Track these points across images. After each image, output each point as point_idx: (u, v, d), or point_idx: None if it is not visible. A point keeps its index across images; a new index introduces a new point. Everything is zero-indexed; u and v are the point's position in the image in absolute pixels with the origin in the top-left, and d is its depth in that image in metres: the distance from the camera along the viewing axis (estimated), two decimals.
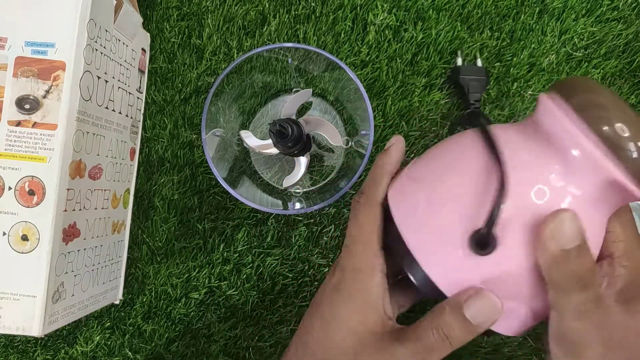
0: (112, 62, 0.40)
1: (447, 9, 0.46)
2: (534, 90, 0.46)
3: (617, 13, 0.46)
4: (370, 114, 0.39)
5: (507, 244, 0.24)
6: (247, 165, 0.46)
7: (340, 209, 0.46)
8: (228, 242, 0.46)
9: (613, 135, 0.22)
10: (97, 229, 0.40)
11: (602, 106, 0.23)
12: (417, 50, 0.46)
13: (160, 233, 0.47)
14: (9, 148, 0.34)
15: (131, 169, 0.46)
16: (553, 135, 0.24)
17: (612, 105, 0.23)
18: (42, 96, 0.34)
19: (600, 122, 0.23)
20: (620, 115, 0.23)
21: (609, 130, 0.22)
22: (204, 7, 0.47)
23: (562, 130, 0.24)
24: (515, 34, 0.46)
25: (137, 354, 0.46)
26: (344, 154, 0.46)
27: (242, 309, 0.46)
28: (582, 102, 0.24)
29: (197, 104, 0.47)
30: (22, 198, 0.34)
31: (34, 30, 0.34)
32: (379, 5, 0.46)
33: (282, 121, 0.39)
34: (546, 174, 0.24)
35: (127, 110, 0.43)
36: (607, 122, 0.23)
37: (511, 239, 0.24)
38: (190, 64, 0.47)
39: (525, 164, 0.25)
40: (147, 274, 0.47)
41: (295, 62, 0.43)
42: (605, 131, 0.22)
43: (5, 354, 0.46)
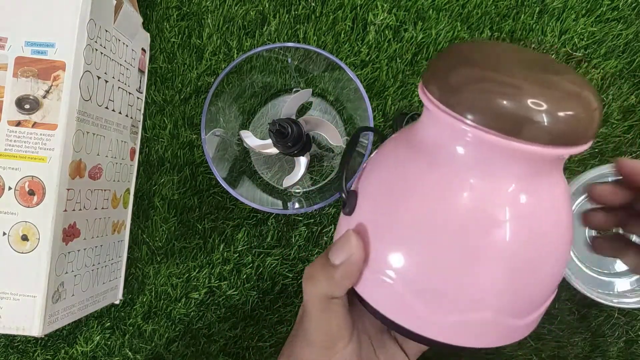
0: (112, 62, 0.40)
1: (447, 9, 0.46)
2: None
3: (617, 13, 0.46)
4: (370, 114, 0.39)
5: (362, 204, 0.26)
6: (247, 165, 0.46)
7: (340, 209, 0.46)
8: (228, 242, 0.46)
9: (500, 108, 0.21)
10: (97, 229, 0.40)
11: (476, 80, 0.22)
12: (417, 50, 0.46)
13: (160, 233, 0.47)
14: (9, 148, 0.34)
15: (131, 169, 0.46)
16: (436, 135, 0.24)
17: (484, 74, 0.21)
18: (42, 96, 0.34)
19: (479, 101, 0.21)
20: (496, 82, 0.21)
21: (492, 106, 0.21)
22: (204, 7, 0.47)
23: (444, 126, 0.23)
24: (515, 34, 0.46)
25: (137, 354, 0.46)
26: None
27: (242, 309, 0.46)
28: (446, 88, 0.22)
29: (197, 104, 0.47)
30: (22, 198, 0.34)
31: (34, 30, 0.34)
32: (379, 5, 0.46)
33: (282, 121, 0.39)
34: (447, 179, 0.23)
35: (127, 110, 0.43)
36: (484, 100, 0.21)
37: (365, 200, 0.26)
38: (190, 64, 0.47)
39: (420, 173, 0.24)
40: (147, 274, 0.47)
41: (295, 62, 0.43)
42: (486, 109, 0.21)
43: (5, 354, 0.46)
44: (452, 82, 0.22)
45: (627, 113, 0.46)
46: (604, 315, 0.44)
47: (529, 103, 0.20)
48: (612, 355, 0.45)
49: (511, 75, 0.21)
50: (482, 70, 0.21)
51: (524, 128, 0.20)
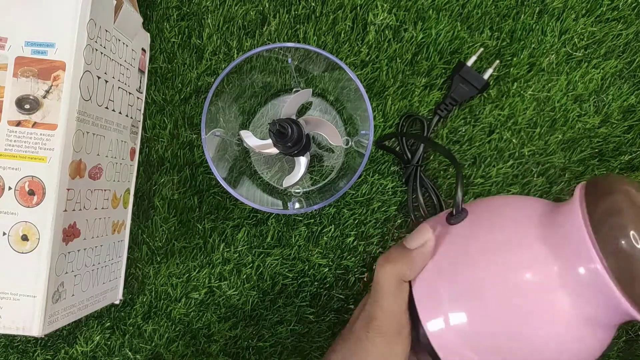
0: (112, 62, 0.40)
1: (447, 9, 0.46)
2: (534, 90, 0.46)
3: (617, 13, 0.46)
4: (370, 114, 0.39)
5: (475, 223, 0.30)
6: (247, 165, 0.46)
7: (340, 209, 0.46)
8: (228, 242, 0.46)
9: (627, 248, 0.23)
10: (97, 229, 0.40)
11: (620, 213, 0.24)
12: (417, 50, 0.46)
13: (160, 233, 0.47)
14: (9, 148, 0.34)
15: (131, 169, 0.46)
16: (570, 240, 0.25)
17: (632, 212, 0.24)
18: (42, 96, 0.34)
19: (616, 234, 0.23)
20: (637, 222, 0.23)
21: (624, 243, 0.23)
22: (204, 7, 0.47)
23: (578, 242, 0.24)
24: (515, 34, 0.46)
25: (137, 354, 0.46)
26: (344, 154, 0.46)
27: (242, 309, 0.46)
28: (603, 211, 0.24)
29: (197, 104, 0.47)
30: (22, 198, 0.34)
31: (34, 30, 0.34)
32: (379, 5, 0.46)
33: (282, 121, 0.39)
34: (547, 275, 0.26)
35: (127, 110, 0.43)
36: (623, 232, 0.23)
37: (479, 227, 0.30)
38: (190, 64, 0.47)
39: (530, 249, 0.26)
40: (147, 274, 0.47)
41: (295, 62, 0.43)
42: (618, 246, 0.23)
43: (5, 354, 0.46)
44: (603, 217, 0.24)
45: (627, 113, 0.46)
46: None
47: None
48: (612, 355, 0.45)
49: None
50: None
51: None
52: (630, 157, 0.45)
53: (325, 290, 0.46)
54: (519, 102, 0.46)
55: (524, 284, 0.26)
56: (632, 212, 0.23)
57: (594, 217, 0.24)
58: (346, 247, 0.46)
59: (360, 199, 0.46)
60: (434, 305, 0.28)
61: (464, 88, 0.44)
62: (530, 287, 0.26)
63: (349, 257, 0.46)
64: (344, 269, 0.46)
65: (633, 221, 0.23)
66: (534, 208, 0.29)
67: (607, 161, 0.45)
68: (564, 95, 0.46)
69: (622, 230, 0.23)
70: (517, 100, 0.46)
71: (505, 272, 0.26)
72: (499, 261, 0.27)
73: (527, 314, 0.25)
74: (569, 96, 0.46)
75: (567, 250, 0.25)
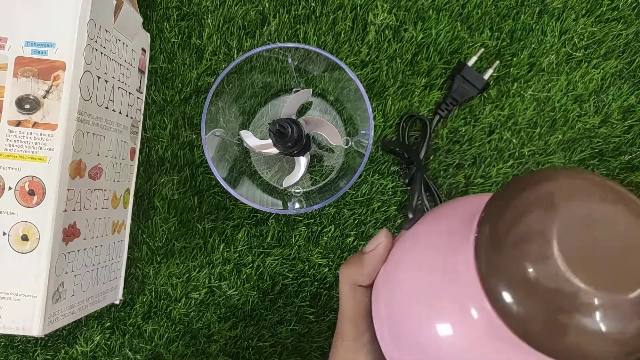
0: (112, 62, 0.40)
1: (447, 9, 0.46)
2: (534, 90, 0.46)
3: (617, 13, 0.46)
4: (370, 114, 0.39)
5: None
6: (247, 165, 0.46)
7: (340, 209, 0.46)
8: (228, 242, 0.46)
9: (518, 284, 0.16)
10: (97, 229, 0.40)
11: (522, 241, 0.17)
12: (417, 50, 0.46)
13: (160, 233, 0.47)
14: (9, 148, 0.34)
15: (131, 169, 0.46)
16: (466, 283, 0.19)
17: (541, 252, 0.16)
18: (42, 96, 0.34)
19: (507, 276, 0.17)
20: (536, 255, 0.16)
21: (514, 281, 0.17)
22: (204, 7, 0.47)
23: (471, 284, 0.18)
24: (515, 34, 0.46)
25: (137, 354, 0.46)
26: (344, 154, 0.46)
27: (242, 309, 0.46)
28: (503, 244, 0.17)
29: (197, 104, 0.47)
30: (22, 198, 0.34)
31: (34, 30, 0.34)
32: (379, 5, 0.46)
33: (282, 121, 0.39)
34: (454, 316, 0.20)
35: (127, 110, 0.43)
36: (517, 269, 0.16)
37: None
38: (190, 64, 0.47)
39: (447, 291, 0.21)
40: (147, 274, 0.47)
41: (295, 62, 0.43)
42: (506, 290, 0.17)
43: (5, 354, 0.46)
44: (501, 254, 0.17)
45: (627, 113, 0.46)
46: None
47: (573, 338, 0.16)
48: None
49: (578, 288, 0.16)
50: (542, 261, 0.16)
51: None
52: (630, 157, 0.45)
53: (325, 290, 0.46)
54: (519, 102, 0.46)
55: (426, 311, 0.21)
56: (546, 234, 0.17)
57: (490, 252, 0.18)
58: (346, 247, 0.46)
59: (360, 199, 0.46)
60: (376, 313, 0.26)
61: (464, 88, 0.44)
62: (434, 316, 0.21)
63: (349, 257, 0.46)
64: None
65: (546, 253, 0.16)
66: (455, 223, 0.23)
67: (607, 161, 0.45)
68: (564, 95, 0.46)
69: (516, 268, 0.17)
70: (517, 101, 0.46)
71: (417, 297, 0.22)
72: (413, 282, 0.23)
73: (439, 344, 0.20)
74: (569, 96, 0.46)
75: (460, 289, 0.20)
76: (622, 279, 0.16)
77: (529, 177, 0.19)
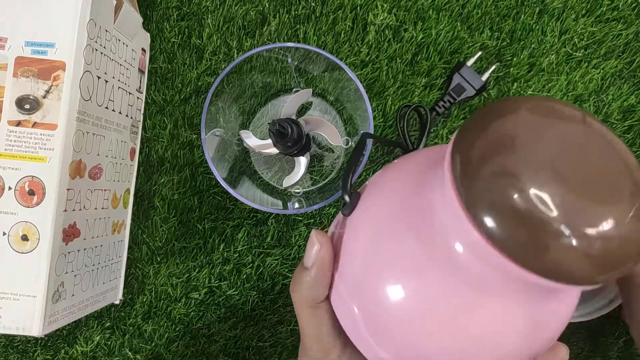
0: (112, 62, 0.40)
1: (447, 9, 0.46)
2: (534, 90, 0.46)
3: (617, 13, 0.46)
4: (370, 114, 0.39)
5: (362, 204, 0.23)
6: (247, 165, 0.46)
7: (340, 209, 0.46)
8: (228, 242, 0.46)
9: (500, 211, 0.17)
10: (97, 229, 0.40)
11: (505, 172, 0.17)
12: (417, 50, 0.46)
13: (160, 233, 0.47)
14: (9, 148, 0.34)
15: (131, 169, 0.46)
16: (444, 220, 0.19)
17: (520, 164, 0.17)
18: (42, 96, 0.34)
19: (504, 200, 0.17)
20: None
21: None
22: (204, 7, 0.47)
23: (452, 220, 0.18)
24: (515, 34, 0.46)
25: (137, 354, 0.46)
26: (344, 154, 0.46)
27: (242, 309, 0.46)
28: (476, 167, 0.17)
29: (197, 104, 0.47)
30: (22, 198, 0.34)
31: (34, 30, 0.34)
32: (379, 5, 0.46)
33: (282, 121, 0.39)
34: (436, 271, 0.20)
35: (127, 110, 0.43)
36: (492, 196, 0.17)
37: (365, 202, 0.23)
38: (190, 64, 0.47)
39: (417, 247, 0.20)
40: (147, 274, 0.47)
41: (295, 62, 0.43)
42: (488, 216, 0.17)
43: (5, 354, 0.46)
44: (473, 167, 0.17)
45: (627, 113, 0.46)
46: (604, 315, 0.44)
47: (553, 235, 0.16)
48: (612, 356, 0.45)
49: (549, 195, 0.16)
50: (515, 170, 0.17)
51: (537, 260, 0.17)
52: None
53: None
54: None
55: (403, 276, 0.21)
56: (521, 152, 0.17)
57: (465, 174, 0.17)
58: None
59: None
60: (346, 315, 0.24)
61: (462, 87, 0.44)
62: (410, 279, 0.20)
63: None
64: None
65: (523, 170, 0.16)
66: (413, 171, 0.23)
67: None
68: (564, 95, 0.46)
69: (509, 185, 0.16)
70: None
71: (384, 265, 0.21)
72: (378, 253, 0.22)
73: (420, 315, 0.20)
74: (569, 96, 0.46)
75: (436, 226, 0.19)
76: (598, 195, 0.17)
77: (495, 106, 0.19)
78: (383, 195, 0.23)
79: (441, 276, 0.20)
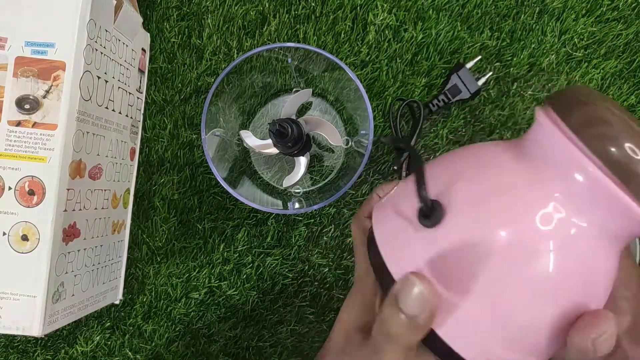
0: (112, 62, 0.40)
1: (447, 9, 0.46)
2: (534, 90, 0.46)
3: (617, 13, 0.46)
4: (370, 114, 0.39)
5: (456, 212, 0.21)
6: (247, 165, 0.46)
7: (340, 209, 0.46)
8: (228, 242, 0.46)
9: (622, 158, 0.19)
10: (97, 229, 0.40)
11: (606, 122, 0.19)
12: (417, 50, 0.46)
13: (160, 233, 0.47)
14: (9, 148, 0.34)
15: (131, 169, 0.46)
16: (552, 158, 0.21)
17: (618, 121, 0.20)
18: (42, 96, 0.34)
19: (607, 142, 0.19)
20: (629, 133, 0.19)
21: (617, 152, 0.19)
22: (204, 7, 0.47)
23: (563, 152, 0.20)
24: (515, 34, 0.46)
25: (137, 354, 0.46)
26: (344, 154, 0.46)
27: (242, 309, 0.46)
28: (583, 118, 0.20)
29: (197, 104, 0.47)
30: (22, 198, 0.34)
31: (34, 30, 0.34)
32: (379, 5, 0.46)
33: (282, 121, 0.39)
34: (544, 201, 0.21)
35: (127, 110, 0.43)
36: (614, 142, 0.19)
37: (461, 210, 0.21)
38: (190, 64, 0.47)
39: (520, 189, 0.21)
40: (147, 274, 0.47)
41: (295, 62, 0.43)
42: (612, 153, 0.19)
43: (5, 354, 0.46)
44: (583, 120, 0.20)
45: None
46: None
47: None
48: None
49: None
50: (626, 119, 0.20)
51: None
52: None
53: (325, 290, 0.46)
54: (519, 102, 0.46)
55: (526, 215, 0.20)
56: (619, 122, 0.19)
57: (575, 128, 0.20)
58: (346, 247, 0.46)
59: (361, 199, 0.46)
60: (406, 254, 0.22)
61: (457, 88, 0.44)
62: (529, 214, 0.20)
63: (349, 257, 0.46)
64: (344, 269, 0.46)
65: (624, 132, 0.19)
66: (499, 149, 0.23)
67: None
68: None
69: (613, 141, 0.19)
70: (517, 100, 0.46)
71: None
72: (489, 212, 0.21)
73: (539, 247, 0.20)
74: None
75: (556, 169, 0.21)
76: None
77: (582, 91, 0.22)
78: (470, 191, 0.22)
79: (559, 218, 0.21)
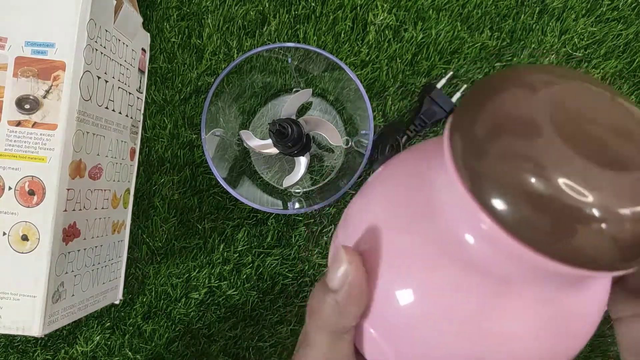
0: (112, 62, 0.40)
1: (447, 9, 0.46)
2: None
3: (617, 13, 0.46)
4: (370, 114, 0.39)
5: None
6: (247, 165, 0.46)
7: (340, 209, 0.46)
8: (228, 242, 0.46)
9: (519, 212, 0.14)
10: (97, 229, 0.40)
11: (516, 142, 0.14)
12: (417, 50, 0.46)
13: (160, 233, 0.47)
14: (9, 148, 0.34)
15: (131, 169, 0.46)
16: (446, 201, 0.17)
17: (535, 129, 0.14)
18: (42, 96, 0.34)
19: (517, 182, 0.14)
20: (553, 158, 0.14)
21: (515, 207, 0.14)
22: (204, 7, 0.47)
23: (453, 199, 0.16)
24: (515, 34, 0.46)
25: (137, 354, 0.46)
26: (344, 154, 0.46)
27: (242, 309, 0.46)
28: (480, 136, 0.15)
29: (197, 104, 0.47)
30: (22, 198, 0.34)
31: (34, 30, 0.34)
32: (379, 5, 0.46)
33: (282, 121, 0.39)
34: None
35: (127, 110, 0.43)
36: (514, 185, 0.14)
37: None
38: (190, 64, 0.47)
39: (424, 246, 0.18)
40: (147, 274, 0.47)
41: (295, 62, 0.43)
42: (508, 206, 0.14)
43: (5, 354, 0.46)
44: (478, 145, 0.15)
45: None
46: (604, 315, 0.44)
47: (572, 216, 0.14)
48: (612, 356, 0.45)
49: (566, 161, 0.14)
50: (524, 142, 0.14)
51: (556, 244, 0.14)
52: None
53: None
54: None
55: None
56: (534, 129, 0.14)
57: (465, 161, 0.15)
58: None
59: None
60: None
61: (433, 110, 0.44)
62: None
63: None
64: None
65: (541, 151, 0.14)
66: (412, 167, 0.20)
67: None
68: None
69: (520, 166, 0.14)
70: None
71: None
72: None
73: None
74: None
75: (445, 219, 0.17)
76: (618, 163, 0.14)
77: (493, 81, 0.16)
78: (382, 195, 0.21)
79: (454, 273, 0.17)
